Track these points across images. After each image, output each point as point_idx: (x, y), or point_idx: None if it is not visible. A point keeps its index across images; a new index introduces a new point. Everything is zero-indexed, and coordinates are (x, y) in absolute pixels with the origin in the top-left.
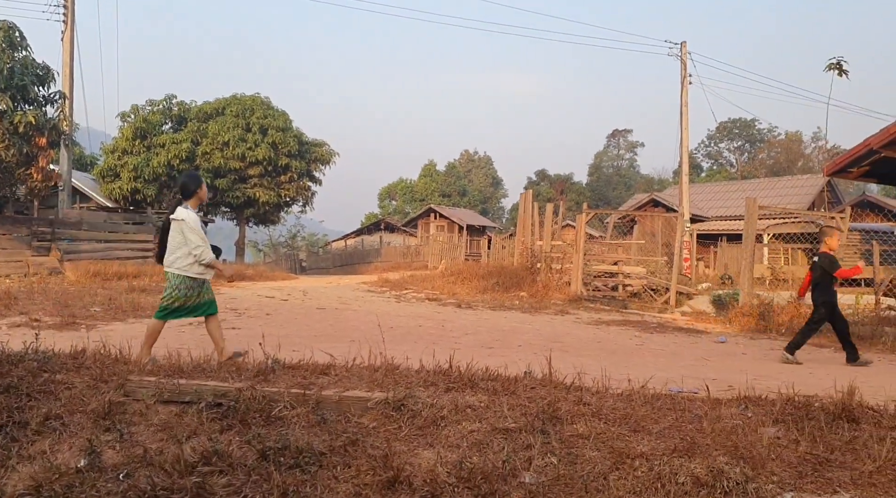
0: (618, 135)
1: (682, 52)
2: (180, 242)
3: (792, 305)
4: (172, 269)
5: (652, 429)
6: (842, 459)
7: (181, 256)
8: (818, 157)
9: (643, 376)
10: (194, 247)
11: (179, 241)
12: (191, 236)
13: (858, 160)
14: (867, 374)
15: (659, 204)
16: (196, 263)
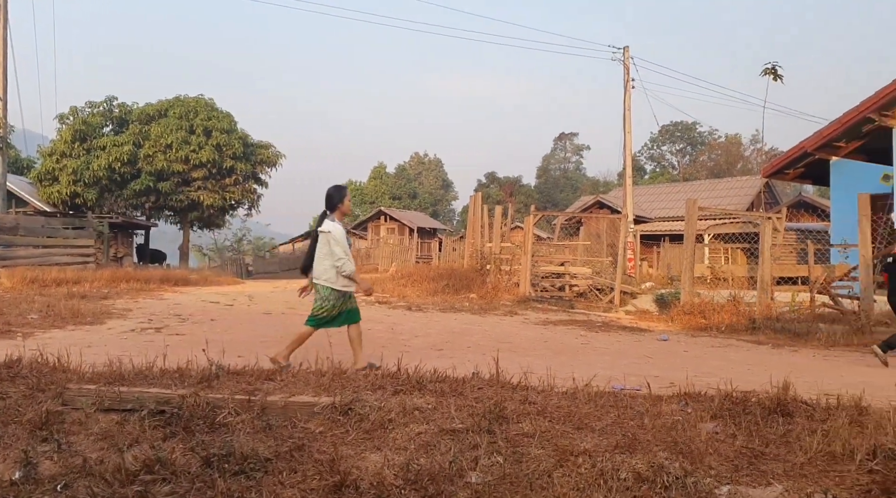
0: (564, 138)
1: (625, 57)
2: (326, 254)
3: (730, 303)
4: (321, 281)
5: (595, 426)
6: (776, 451)
7: (328, 267)
8: (756, 159)
9: (587, 375)
10: (336, 259)
11: (326, 253)
12: (335, 249)
13: (794, 162)
14: (802, 369)
15: (604, 206)
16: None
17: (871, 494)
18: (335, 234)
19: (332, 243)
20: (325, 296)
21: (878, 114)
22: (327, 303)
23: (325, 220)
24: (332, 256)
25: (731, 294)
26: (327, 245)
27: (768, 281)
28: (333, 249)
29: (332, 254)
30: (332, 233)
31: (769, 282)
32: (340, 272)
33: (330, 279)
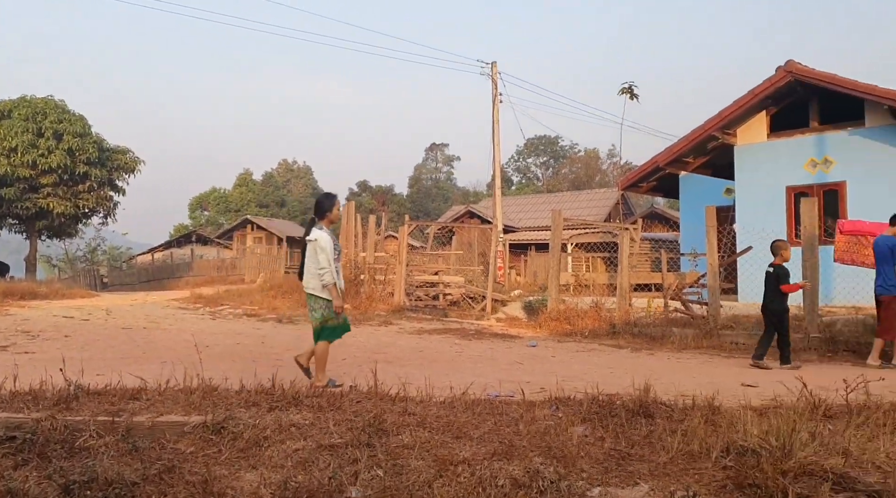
0: (435, 148)
1: (493, 72)
2: (313, 262)
3: (593, 309)
4: (309, 289)
5: (473, 434)
6: (641, 452)
7: (315, 275)
8: (613, 172)
9: (464, 383)
10: (319, 267)
11: (313, 261)
12: (320, 256)
13: (647, 176)
14: (659, 372)
15: (475, 215)
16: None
17: (725, 488)
18: (321, 242)
19: (318, 251)
20: (312, 306)
21: (720, 132)
22: (316, 313)
23: (312, 228)
24: (316, 264)
25: (594, 301)
26: (314, 253)
27: (627, 288)
28: (318, 258)
29: (317, 262)
30: (319, 241)
31: (627, 289)
32: (321, 281)
33: (317, 288)
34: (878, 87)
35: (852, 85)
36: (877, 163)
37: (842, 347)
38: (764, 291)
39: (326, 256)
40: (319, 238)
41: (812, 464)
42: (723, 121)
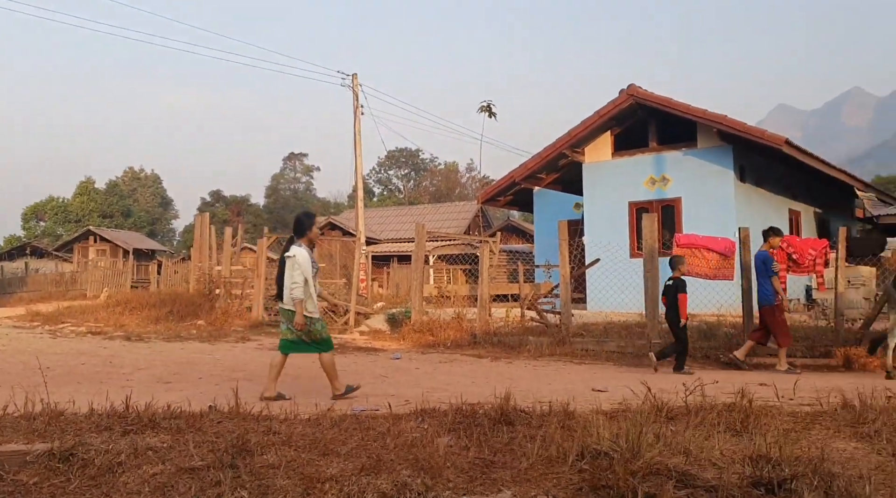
0: (294, 158)
1: (354, 84)
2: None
3: (455, 320)
4: (288, 306)
5: (340, 451)
6: (503, 459)
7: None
8: (472, 185)
9: (329, 399)
10: (291, 283)
11: (287, 277)
12: (294, 273)
13: (505, 190)
14: (517, 379)
15: (336, 227)
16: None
17: (582, 491)
18: (299, 258)
19: (293, 267)
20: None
21: (570, 150)
22: (316, 325)
23: (291, 246)
24: (290, 279)
25: (456, 312)
26: (291, 268)
27: (487, 299)
28: (292, 273)
29: (291, 277)
30: (297, 258)
31: (488, 300)
32: (291, 294)
33: (289, 303)
34: (708, 111)
35: (685, 108)
36: (707, 181)
37: None
38: (667, 303)
39: (301, 273)
40: (298, 255)
41: (658, 464)
42: (572, 139)
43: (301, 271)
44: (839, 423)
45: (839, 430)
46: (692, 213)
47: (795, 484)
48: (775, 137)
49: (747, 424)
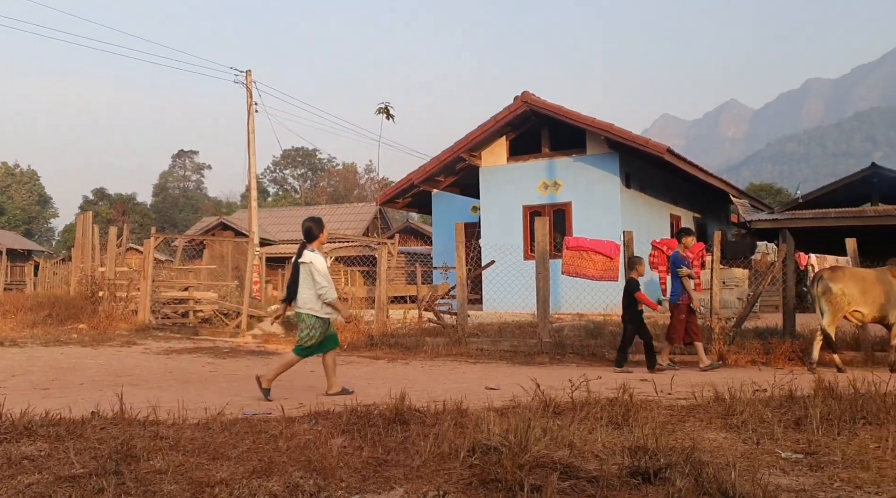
0: (184, 155)
1: (248, 81)
2: (309, 284)
3: (352, 324)
4: (304, 309)
5: (231, 454)
6: (397, 458)
7: (311, 296)
8: (371, 187)
9: (220, 403)
10: (320, 287)
11: (308, 283)
12: (318, 278)
13: (403, 192)
14: (414, 380)
15: (228, 227)
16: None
17: (472, 485)
18: (316, 264)
19: (314, 273)
20: (310, 324)
21: (467, 154)
22: (314, 331)
23: (304, 251)
24: (315, 286)
25: (353, 313)
26: (309, 275)
27: (385, 300)
28: (316, 279)
29: (314, 283)
30: (314, 263)
31: (385, 301)
32: (323, 300)
33: (314, 308)
34: (596, 119)
35: (576, 116)
36: (595, 186)
37: (569, 350)
38: (623, 303)
39: (324, 277)
40: (314, 260)
41: (544, 457)
42: (469, 144)
43: (322, 275)
44: (711, 415)
45: (711, 421)
46: (582, 217)
47: (669, 472)
48: (658, 146)
49: (628, 418)
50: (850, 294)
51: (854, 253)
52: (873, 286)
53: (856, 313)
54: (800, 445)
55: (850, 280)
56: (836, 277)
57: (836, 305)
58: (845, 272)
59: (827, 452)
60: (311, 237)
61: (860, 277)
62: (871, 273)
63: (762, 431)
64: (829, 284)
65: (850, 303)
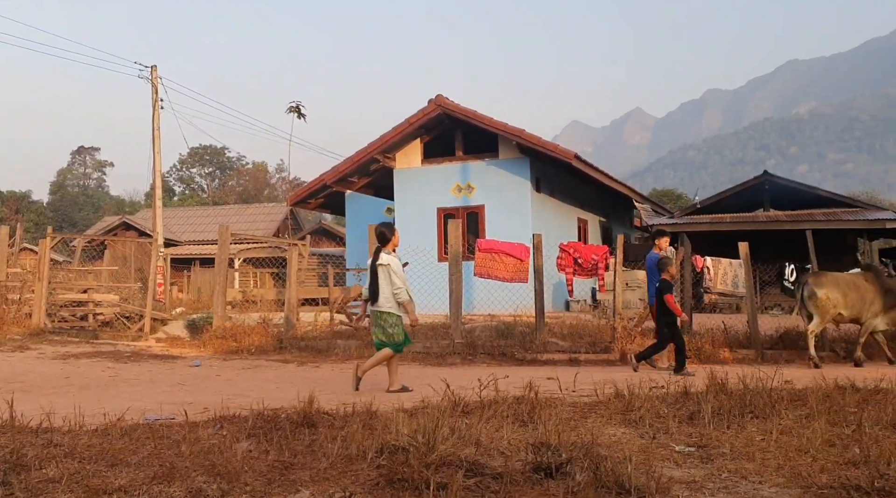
0: (84, 152)
1: (153, 76)
2: (387, 284)
3: (260, 325)
4: (385, 308)
5: (130, 460)
6: (303, 461)
7: (390, 295)
8: (282, 187)
9: (120, 408)
10: (396, 288)
11: (387, 283)
12: (394, 279)
13: (315, 193)
14: (324, 383)
15: (131, 227)
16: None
17: (378, 486)
18: (393, 266)
19: (391, 274)
20: (393, 322)
21: (382, 156)
22: (397, 328)
23: (381, 254)
24: (391, 286)
25: (261, 317)
26: (387, 276)
27: (295, 303)
28: (392, 280)
29: (391, 283)
30: (391, 265)
31: (296, 304)
32: (396, 299)
33: (394, 306)
34: (508, 124)
35: (488, 121)
36: (507, 190)
37: (480, 351)
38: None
39: (399, 278)
40: (391, 262)
41: (451, 455)
42: (383, 145)
43: (398, 277)
44: (611, 411)
45: (611, 417)
46: (494, 220)
47: (570, 467)
48: (566, 152)
49: (533, 415)
50: (834, 298)
51: (746, 256)
52: (852, 290)
53: (838, 315)
54: (692, 439)
55: (833, 285)
56: (819, 282)
57: (823, 308)
58: (828, 277)
59: (717, 444)
60: (384, 241)
61: (841, 282)
62: (849, 277)
63: (658, 425)
64: (813, 290)
65: (836, 306)
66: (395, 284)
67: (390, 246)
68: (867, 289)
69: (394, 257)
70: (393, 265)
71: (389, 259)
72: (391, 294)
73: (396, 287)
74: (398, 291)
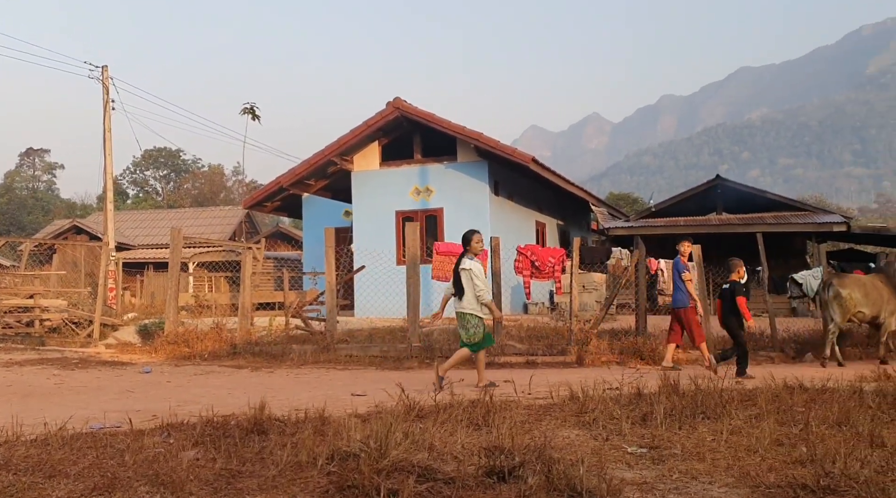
0: (33, 154)
1: (104, 77)
2: (470, 287)
3: (214, 330)
4: (467, 310)
5: (70, 471)
6: (252, 469)
7: (472, 298)
8: (238, 190)
9: (63, 417)
10: (478, 290)
11: (469, 286)
12: (477, 282)
13: (272, 196)
14: (278, 389)
15: (82, 231)
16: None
17: (328, 493)
18: (475, 270)
19: (473, 278)
20: (474, 324)
21: (339, 158)
22: (478, 329)
23: (464, 259)
24: (474, 288)
25: (215, 321)
26: (469, 280)
27: (249, 307)
28: (475, 283)
29: (474, 287)
30: (473, 269)
31: (250, 308)
32: (480, 300)
33: (475, 309)
34: (466, 128)
35: (446, 124)
36: (466, 193)
37: (438, 354)
38: (722, 308)
39: (481, 280)
40: (472, 267)
41: (403, 460)
42: (341, 147)
43: (480, 279)
44: (566, 413)
45: (565, 420)
46: (453, 223)
47: (523, 470)
48: (524, 156)
49: (488, 418)
50: (857, 297)
51: (699, 259)
52: (871, 290)
53: (859, 313)
54: (644, 440)
55: (855, 285)
56: (843, 283)
57: (846, 307)
58: (850, 279)
59: (668, 445)
60: (467, 244)
61: (861, 283)
62: (867, 279)
63: (612, 427)
64: (838, 290)
65: (857, 304)
66: (477, 287)
67: (471, 251)
68: (882, 289)
69: (476, 262)
70: (474, 269)
71: (471, 264)
72: (473, 297)
73: (479, 289)
74: (480, 293)
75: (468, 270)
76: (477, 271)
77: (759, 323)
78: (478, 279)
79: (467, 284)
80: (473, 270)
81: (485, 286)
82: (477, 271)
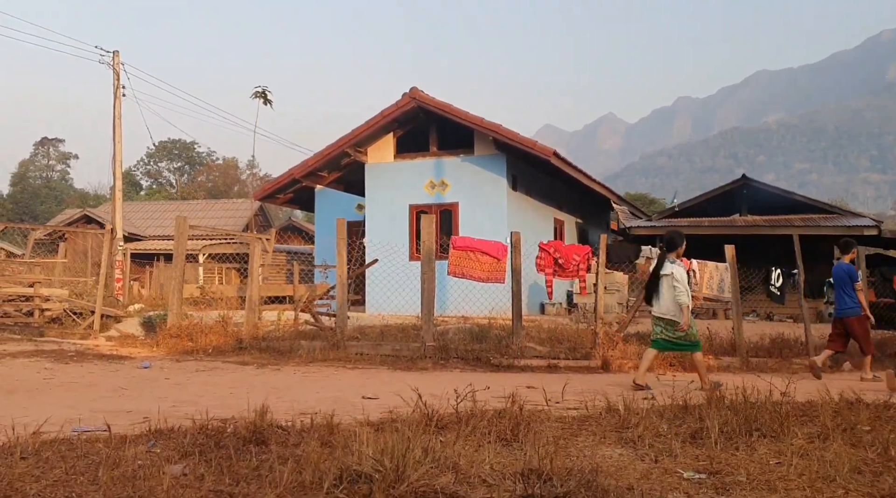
0: (47, 143)
1: (115, 62)
2: (670, 291)
3: (219, 324)
4: (668, 316)
5: (29, 491)
6: (247, 489)
7: (672, 303)
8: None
9: (44, 417)
10: (678, 293)
11: (669, 291)
12: (679, 287)
13: (284, 188)
14: (283, 388)
15: (93, 221)
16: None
17: None
18: (676, 275)
19: (675, 283)
20: (669, 328)
21: (353, 150)
22: (692, 329)
23: (665, 263)
24: (674, 292)
25: (221, 315)
26: (670, 286)
27: (256, 301)
28: (676, 287)
29: (676, 292)
30: (674, 275)
31: (257, 301)
32: (677, 301)
33: (675, 314)
34: (484, 119)
35: (464, 115)
36: (482, 187)
37: (453, 355)
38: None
39: (683, 286)
40: (674, 272)
41: (423, 485)
42: (355, 139)
43: (682, 285)
44: (604, 428)
45: (605, 435)
46: (468, 218)
47: None
48: (545, 149)
49: (517, 433)
50: None
51: (732, 260)
52: None
53: None
54: (700, 463)
55: None
56: None
57: None
58: None
59: (730, 470)
60: (672, 247)
61: None
62: None
63: (660, 446)
64: None
65: None
66: (677, 290)
67: (675, 254)
68: None
69: (678, 267)
70: (676, 274)
71: (674, 269)
72: (673, 301)
73: (679, 292)
74: (681, 296)
75: (669, 276)
76: (679, 277)
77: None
78: (679, 284)
79: (667, 289)
80: (675, 274)
81: (685, 289)
82: (679, 277)
